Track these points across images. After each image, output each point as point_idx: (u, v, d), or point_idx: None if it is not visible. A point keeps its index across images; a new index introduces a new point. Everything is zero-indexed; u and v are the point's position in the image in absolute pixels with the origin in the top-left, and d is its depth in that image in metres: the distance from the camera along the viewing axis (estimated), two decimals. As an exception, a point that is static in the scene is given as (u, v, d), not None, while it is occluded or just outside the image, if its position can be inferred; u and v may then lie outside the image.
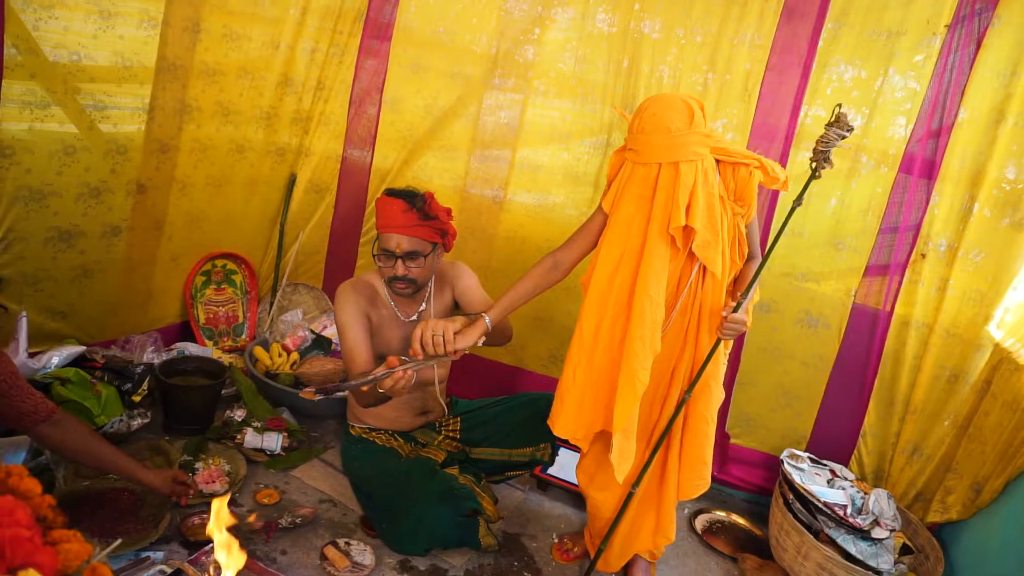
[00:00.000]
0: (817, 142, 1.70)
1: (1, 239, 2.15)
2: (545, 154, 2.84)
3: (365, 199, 3.13)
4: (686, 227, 1.74)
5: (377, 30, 2.95)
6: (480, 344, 1.92)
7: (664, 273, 1.78)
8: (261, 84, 2.82)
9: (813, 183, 1.75)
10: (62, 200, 2.28)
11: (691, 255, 1.82)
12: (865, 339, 2.52)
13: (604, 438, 1.96)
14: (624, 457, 1.86)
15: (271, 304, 3.19)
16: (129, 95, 2.38)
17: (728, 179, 1.84)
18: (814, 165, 1.72)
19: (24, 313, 2.18)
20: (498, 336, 2.12)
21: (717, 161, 1.82)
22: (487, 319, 1.92)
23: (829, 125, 1.67)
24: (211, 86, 2.64)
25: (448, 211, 2.24)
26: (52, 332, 2.40)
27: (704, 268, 1.83)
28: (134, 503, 1.96)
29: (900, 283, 2.45)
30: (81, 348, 2.35)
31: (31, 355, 2.17)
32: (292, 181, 3.12)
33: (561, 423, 1.93)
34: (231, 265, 3.09)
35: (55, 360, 2.23)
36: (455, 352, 1.86)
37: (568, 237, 2.01)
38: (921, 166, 2.37)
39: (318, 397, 1.75)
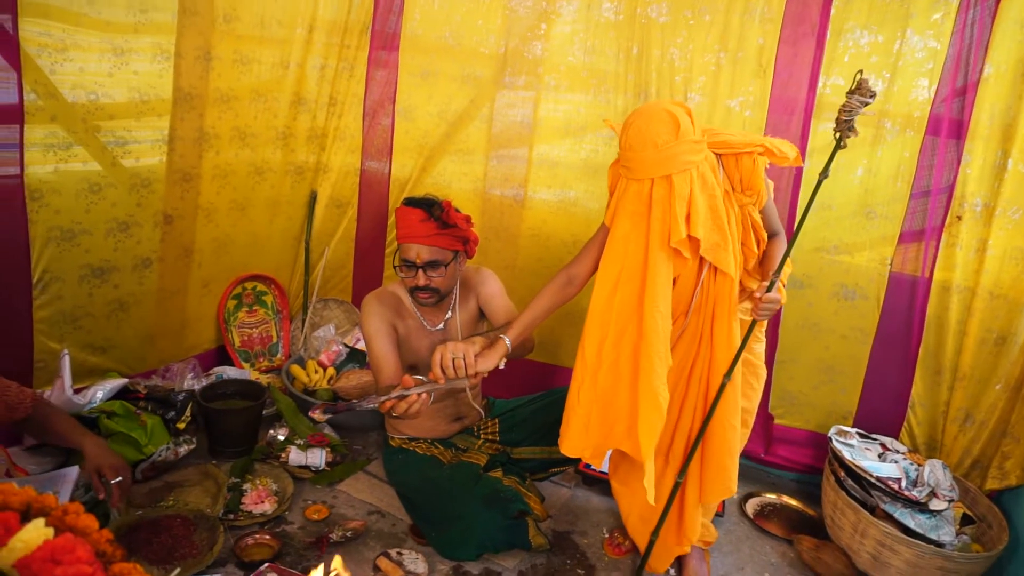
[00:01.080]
0: (840, 111, 1.65)
1: (38, 280, 2.19)
2: (562, 149, 2.83)
3: (387, 210, 3.14)
4: (690, 237, 1.71)
5: (384, 41, 2.96)
6: (501, 366, 1.92)
7: (670, 286, 1.76)
8: (275, 105, 2.84)
9: (837, 153, 1.71)
10: (92, 237, 2.33)
11: (700, 256, 1.80)
12: (905, 308, 2.46)
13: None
14: (653, 479, 1.85)
15: (303, 321, 3.22)
16: (148, 128, 2.41)
17: (732, 170, 1.81)
18: (838, 135, 1.68)
19: (66, 351, 2.23)
20: (519, 350, 2.11)
21: (719, 155, 1.80)
22: (507, 340, 1.94)
23: (851, 93, 1.63)
24: (227, 112, 2.67)
25: (467, 218, 2.23)
26: (94, 367, 2.45)
27: (714, 266, 1.80)
28: (187, 528, 1.99)
29: (937, 248, 2.39)
30: (123, 380, 2.39)
31: (76, 391, 2.22)
32: (313, 198, 3.14)
33: (568, 443, 1.92)
34: (261, 286, 3.13)
35: (99, 394, 2.27)
36: (476, 375, 1.87)
37: (582, 246, 2.01)
38: (949, 126, 2.31)
39: (326, 417, 1.77)
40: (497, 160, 2.92)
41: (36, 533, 0.82)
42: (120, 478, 1.84)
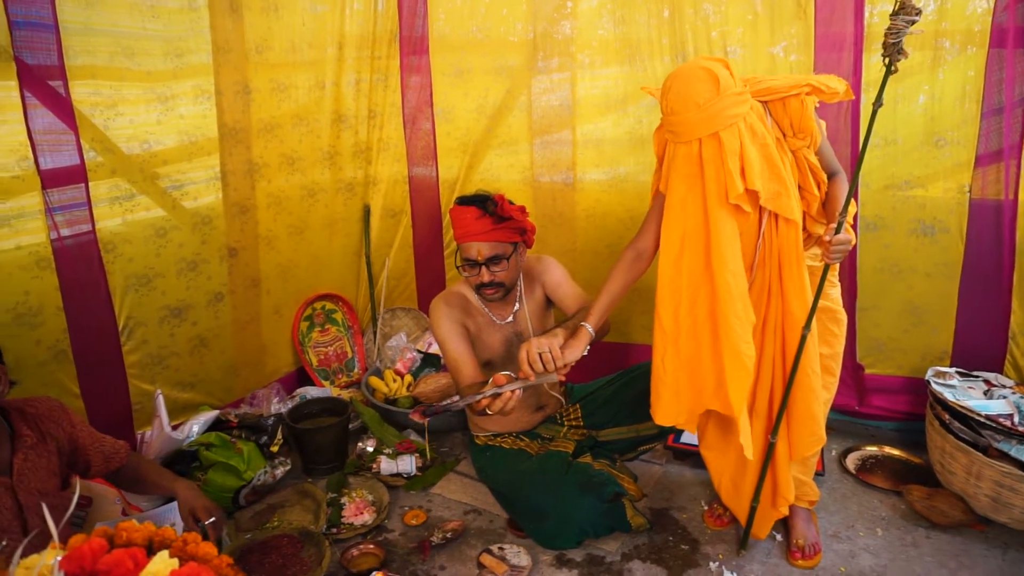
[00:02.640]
0: (886, 35, 1.58)
1: (123, 327, 2.29)
2: (605, 125, 2.78)
3: (440, 213, 3.16)
4: (748, 190, 1.66)
5: (413, 46, 2.96)
6: (586, 353, 1.91)
7: (736, 243, 1.72)
8: (316, 127, 2.89)
9: (891, 82, 1.62)
10: (166, 279, 2.42)
11: (761, 207, 1.75)
12: (992, 235, 2.32)
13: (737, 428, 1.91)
14: (748, 434, 1.83)
15: (374, 334, 3.27)
16: (201, 168, 2.49)
17: (781, 116, 1.76)
18: (887, 60, 1.60)
19: (159, 391, 2.32)
20: (599, 334, 2.10)
21: (765, 103, 1.75)
22: (588, 327, 1.94)
23: (894, 14, 1.55)
24: (272, 140, 2.73)
25: (522, 208, 2.22)
26: (186, 403, 2.55)
27: (775, 214, 1.75)
28: (295, 546, 2.05)
29: (1019, 166, 2.24)
30: (215, 412, 2.48)
31: (174, 428, 2.31)
32: (367, 212, 3.19)
33: (662, 412, 1.90)
34: (329, 305, 3.19)
35: (195, 428, 2.36)
36: (565, 366, 1.88)
37: (642, 219, 1.98)
38: (1015, 35, 2.17)
39: (427, 419, 1.80)
40: (542, 146, 2.89)
41: (163, 564, 0.85)
42: (213, 518, 1.91)
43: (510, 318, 2.35)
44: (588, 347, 1.94)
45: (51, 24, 1.95)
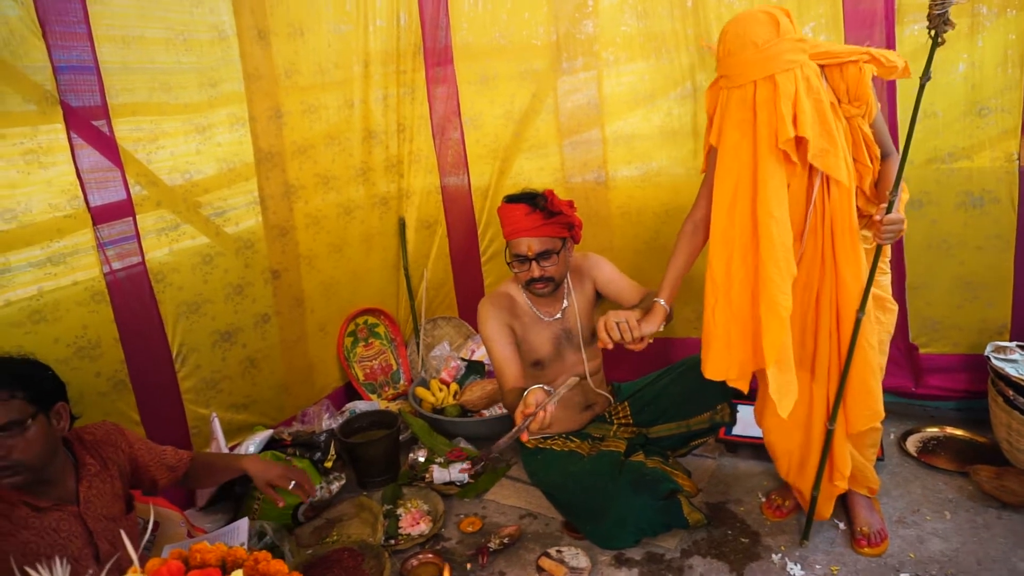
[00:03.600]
0: (931, 6, 1.55)
1: (177, 354, 2.35)
2: (635, 121, 2.77)
3: (474, 220, 3.17)
4: (798, 138, 1.64)
5: (437, 57, 2.99)
6: (662, 328, 1.93)
7: (783, 190, 1.70)
8: (348, 145, 2.93)
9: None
10: (214, 305, 2.47)
11: (812, 170, 1.72)
12: (1045, 202, 2.25)
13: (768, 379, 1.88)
14: (784, 391, 1.79)
15: (418, 345, 3.30)
16: (240, 193, 2.54)
17: (838, 81, 1.73)
18: (933, 32, 1.57)
19: (214, 414, 2.38)
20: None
21: (822, 67, 1.72)
22: (663, 303, 1.96)
23: None
24: (306, 161, 2.77)
25: (570, 203, 2.25)
26: (241, 424, 2.60)
27: (827, 179, 1.72)
28: (356, 559, 2.07)
29: (1069, 129, 2.17)
30: (269, 432, 2.53)
31: (230, 449, 2.36)
32: (402, 225, 3.22)
33: (711, 365, 1.88)
34: (372, 319, 3.23)
35: (251, 448, 2.41)
36: (641, 339, 1.91)
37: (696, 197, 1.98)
38: (1056, -6, 2.10)
39: (478, 469, 1.82)
40: (571, 147, 2.89)
41: (237, 584, 0.87)
42: (294, 482, 1.92)
43: (558, 315, 2.36)
44: (664, 323, 1.96)
45: (92, 66, 2.01)
